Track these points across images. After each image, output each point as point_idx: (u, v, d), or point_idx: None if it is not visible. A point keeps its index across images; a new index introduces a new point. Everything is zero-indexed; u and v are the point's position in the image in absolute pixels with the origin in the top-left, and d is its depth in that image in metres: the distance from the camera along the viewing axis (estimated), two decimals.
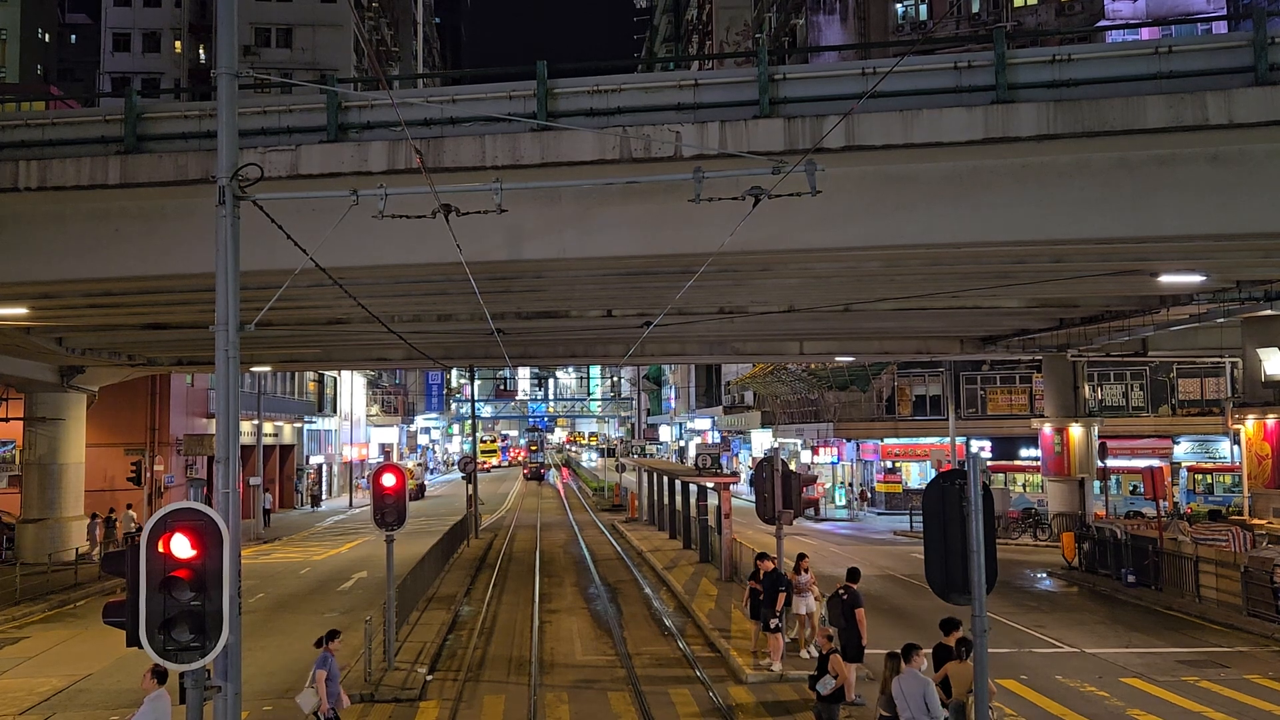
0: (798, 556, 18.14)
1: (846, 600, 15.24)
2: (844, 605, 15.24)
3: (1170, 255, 17.78)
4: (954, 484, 8.41)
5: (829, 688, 12.12)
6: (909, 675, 10.60)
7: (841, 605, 15.29)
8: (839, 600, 15.41)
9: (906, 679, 10.60)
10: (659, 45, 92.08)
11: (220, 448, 7.94)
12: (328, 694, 12.01)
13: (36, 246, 16.61)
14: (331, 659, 12.33)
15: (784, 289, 21.92)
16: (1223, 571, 21.69)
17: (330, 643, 12.51)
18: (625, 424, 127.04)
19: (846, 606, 15.19)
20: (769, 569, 17.30)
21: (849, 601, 15.19)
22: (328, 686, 12.06)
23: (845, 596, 15.32)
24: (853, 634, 14.96)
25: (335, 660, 12.41)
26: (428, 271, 17.38)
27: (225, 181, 8.13)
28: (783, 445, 54.66)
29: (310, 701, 12.12)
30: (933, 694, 10.44)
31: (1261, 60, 13.79)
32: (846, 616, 15.16)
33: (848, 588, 15.44)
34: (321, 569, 31.61)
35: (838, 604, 15.44)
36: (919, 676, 10.61)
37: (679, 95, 15.11)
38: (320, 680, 12.07)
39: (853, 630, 14.99)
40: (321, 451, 64.20)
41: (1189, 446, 45.13)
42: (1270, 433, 27.51)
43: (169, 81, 59.98)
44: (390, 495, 17.04)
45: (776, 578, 17.01)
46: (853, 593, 15.31)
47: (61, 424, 33.21)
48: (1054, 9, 42.92)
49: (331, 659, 12.33)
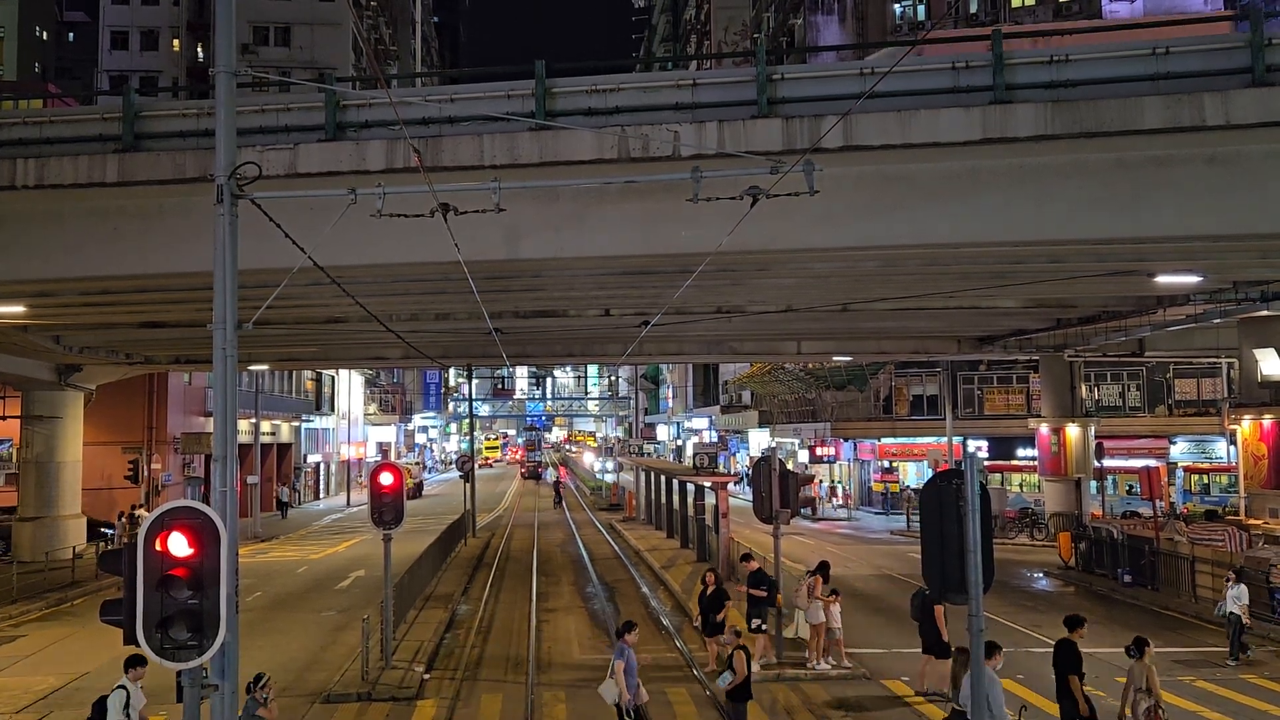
0: (820, 565, 18.01)
1: (928, 597, 15.14)
2: (925, 601, 15.30)
3: (1167, 256, 17.81)
4: (951, 484, 8.43)
5: (727, 682, 12.48)
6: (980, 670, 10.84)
7: (923, 601, 15.39)
8: (921, 597, 15.49)
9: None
10: (657, 45, 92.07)
11: (218, 446, 7.93)
12: (626, 685, 12.18)
13: (34, 245, 16.59)
14: (629, 650, 12.48)
15: (782, 289, 21.93)
16: (1219, 571, 21.70)
17: (627, 635, 12.67)
18: (623, 423, 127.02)
19: (927, 603, 15.24)
20: (753, 569, 17.46)
21: (930, 598, 15.08)
22: (626, 680, 12.21)
23: (927, 594, 15.16)
24: (932, 629, 15.20)
25: (633, 652, 12.57)
26: (426, 270, 17.38)
27: (223, 180, 8.13)
28: (780, 445, 54.65)
29: (612, 693, 12.30)
30: (997, 693, 10.60)
31: (1259, 61, 13.81)
32: (925, 612, 15.33)
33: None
34: (319, 568, 31.61)
35: (919, 599, 15.59)
36: (987, 673, 10.79)
37: (677, 95, 15.12)
38: (619, 671, 12.23)
39: (931, 626, 15.22)
40: (319, 450, 64.18)
41: (1185, 447, 45.20)
42: (1266, 433, 27.55)
43: (167, 80, 59.90)
44: (388, 494, 17.04)
45: (761, 577, 17.16)
46: None
47: (59, 422, 33.17)
48: (1052, 9, 42.95)
49: (629, 650, 12.48)
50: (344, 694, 15.80)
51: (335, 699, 15.65)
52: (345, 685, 16.20)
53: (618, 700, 12.28)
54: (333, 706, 15.40)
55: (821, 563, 18.24)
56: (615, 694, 12.29)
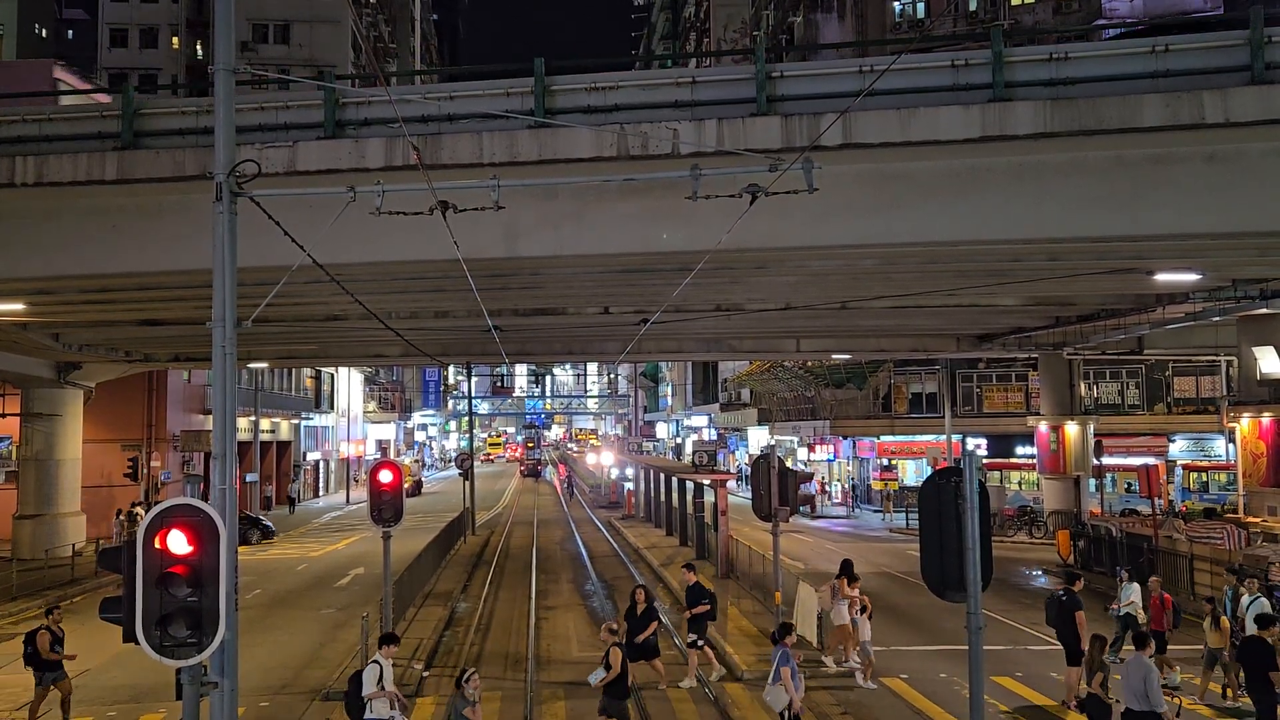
0: (844, 565, 17.66)
1: (1065, 602, 14.98)
2: (1062, 607, 14.99)
3: (1166, 254, 17.81)
4: (950, 481, 8.43)
5: (598, 679, 12.57)
6: (1135, 661, 11.02)
7: (1059, 607, 15.04)
8: (1057, 602, 15.16)
9: (1133, 664, 11.00)
10: (657, 43, 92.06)
11: (217, 444, 7.93)
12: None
13: (33, 242, 16.58)
14: (789, 653, 12.31)
15: (781, 286, 21.93)
16: (1218, 569, 21.74)
17: (786, 638, 12.54)
18: (622, 421, 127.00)
19: (1065, 609, 14.92)
20: (691, 582, 17.07)
21: (1068, 604, 14.93)
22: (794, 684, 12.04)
23: (1064, 599, 15.06)
24: (1071, 636, 14.70)
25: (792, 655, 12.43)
26: (425, 268, 17.38)
27: (222, 178, 8.12)
28: (779, 443, 54.66)
29: (781, 699, 12.03)
30: (1154, 680, 10.75)
31: (1258, 59, 13.79)
32: (1064, 619, 14.88)
33: (1068, 590, 15.20)
34: (318, 565, 31.62)
35: (1055, 605, 15.20)
36: (1143, 662, 10.94)
37: (676, 93, 15.10)
38: (786, 677, 11.98)
39: (1071, 632, 14.71)
40: (319, 448, 64.19)
41: (1184, 444, 45.22)
42: (1265, 431, 27.56)
43: (166, 77, 59.86)
44: (387, 492, 17.03)
45: (699, 591, 16.82)
46: (1072, 595, 15.05)
47: (58, 420, 33.17)
48: (1051, 7, 42.90)
49: (789, 653, 12.31)
50: (343, 691, 15.77)
51: (334, 696, 15.66)
52: (345, 683, 16.19)
53: (786, 707, 11.96)
54: (332, 704, 15.41)
55: (844, 561, 17.92)
56: (785, 700, 11.96)
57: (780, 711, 12.14)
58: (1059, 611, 15.02)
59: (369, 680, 11.65)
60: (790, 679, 11.95)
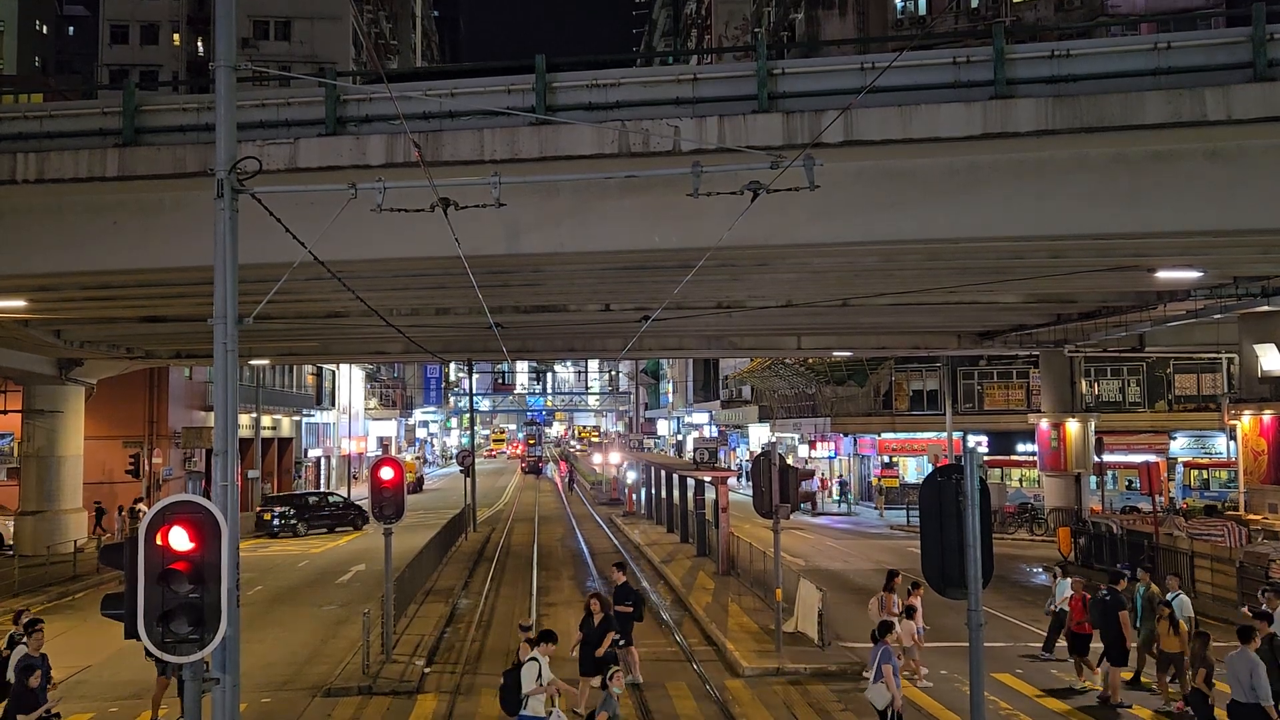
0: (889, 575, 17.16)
1: (1110, 601, 14.89)
2: (1106, 606, 14.91)
3: (1168, 251, 17.79)
4: (951, 479, 8.44)
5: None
6: (1240, 655, 11.01)
7: (1104, 606, 14.96)
8: (1101, 601, 15.06)
9: (1238, 658, 11.00)
10: (658, 39, 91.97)
11: (218, 440, 7.94)
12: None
13: (34, 239, 16.59)
14: (891, 650, 12.25)
15: (782, 284, 21.93)
16: (1218, 566, 21.75)
17: (887, 636, 12.48)
18: (623, 418, 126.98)
19: (1109, 608, 14.85)
20: (620, 581, 16.69)
21: (1112, 603, 14.85)
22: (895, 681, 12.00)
23: (1109, 598, 14.96)
24: (1116, 635, 14.64)
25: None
26: (426, 265, 17.38)
27: (223, 174, 8.13)
28: (780, 440, 54.68)
29: (884, 697, 11.97)
30: (1261, 674, 10.74)
31: (1260, 56, 13.77)
32: (1108, 618, 14.81)
33: (1112, 590, 15.12)
34: (319, 562, 31.65)
35: (1099, 605, 15.09)
36: (1250, 656, 10.95)
37: (678, 89, 15.09)
38: (889, 675, 11.93)
39: (1116, 632, 14.65)
40: (320, 445, 64.24)
41: (1185, 442, 45.18)
42: (1266, 428, 27.56)
43: (167, 74, 59.86)
44: (388, 488, 17.07)
45: (626, 591, 16.42)
46: (1115, 595, 14.96)
47: (60, 417, 33.21)
48: (1053, 4, 42.84)
49: (891, 650, 12.25)
50: (345, 688, 15.84)
51: (336, 693, 15.70)
52: (346, 679, 16.25)
53: (888, 705, 11.89)
54: (333, 700, 15.44)
55: (890, 572, 17.50)
56: (887, 698, 11.87)
57: (882, 710, 12.05)
58: (1103, 610, 14.94)
59: (528, 677, 11.64)
60: (892, 676, 11.92)
